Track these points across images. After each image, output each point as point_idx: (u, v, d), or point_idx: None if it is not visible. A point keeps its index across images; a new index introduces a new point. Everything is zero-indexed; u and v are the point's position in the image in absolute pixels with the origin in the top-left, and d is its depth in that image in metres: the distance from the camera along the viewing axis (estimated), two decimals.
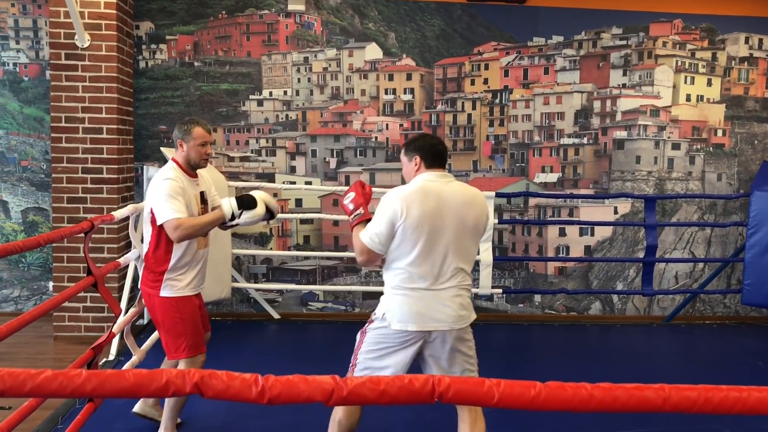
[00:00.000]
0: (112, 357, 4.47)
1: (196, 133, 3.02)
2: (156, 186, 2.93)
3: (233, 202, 2.99)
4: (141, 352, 4.06)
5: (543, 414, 3.70)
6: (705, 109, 6.13)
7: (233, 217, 2.97)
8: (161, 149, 5.18)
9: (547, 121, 6.02)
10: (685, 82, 6.09)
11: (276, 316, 5.79)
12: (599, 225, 6.04)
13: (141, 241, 3.65)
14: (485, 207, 2.71)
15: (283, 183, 5.81)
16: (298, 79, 5.88)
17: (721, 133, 6.15)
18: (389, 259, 2.62)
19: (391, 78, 5.93)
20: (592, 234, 6.11)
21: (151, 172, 5.26)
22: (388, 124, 5.95)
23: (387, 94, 5.94)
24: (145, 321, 5.38)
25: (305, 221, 5.90)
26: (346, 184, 5.80)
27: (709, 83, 6.12)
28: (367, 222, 2.66)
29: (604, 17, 5.99)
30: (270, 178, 5.84)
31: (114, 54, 5.07)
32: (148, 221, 2.99)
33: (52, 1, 4.98)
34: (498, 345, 5.28)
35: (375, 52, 5.90)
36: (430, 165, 2.66)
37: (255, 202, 3.02)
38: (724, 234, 6.22)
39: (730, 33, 6.11)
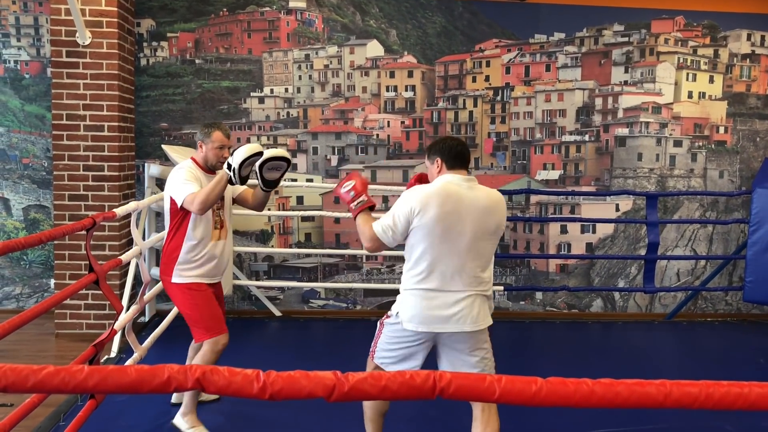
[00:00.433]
0: (113, 354, 4.48)
1: (215, 136, 3.23)
2: (172, 176, 3.16)
3: (228, 161, 3.05)
4: (142, 350, 4.06)
5: (544, 410, 3.70)
6: (707, 106, 6.12)
7: (231, 169, 2.98)
8: (162, 147, 5.18)
9: (548, 118, 6.02)
10: (687, 79, 6.08)
11: (277, 313, 5.80)
12: (601, 222, 6.04)
13: (142, 237, 3.65)
14: (505, 212, 2.70)
15: (285, 180, 5.80)
16: (299, 77, 5.88)
17: (723, 130, 6.15)
18: (406, 258, 2.63)
19: (392, 75, 5.93)
20: (594, 231, 6.11)
21: (152, 169, 5.26)
22: (389, 122, 5.95)
23: (388, 91, 5.93)
24: (147, 318, 5.39)
25: (306, 219, 5.91)
26: None
27: (711, 80, 6.12)
28: (370, 209, 2.71)
29: (605, 14, 5.98)
30: None
31: (115, 51, 5.07)
32: (168, 212, 3.20)
33: None
34: (499, 342, 5.26)
35: (376, 49, 5.90)
36: (452, 166, 2.65)
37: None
38: (726, 231, 6.21)
39: (732, 30, 6.10)
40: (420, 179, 2.76)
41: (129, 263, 4.76)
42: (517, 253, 6.05)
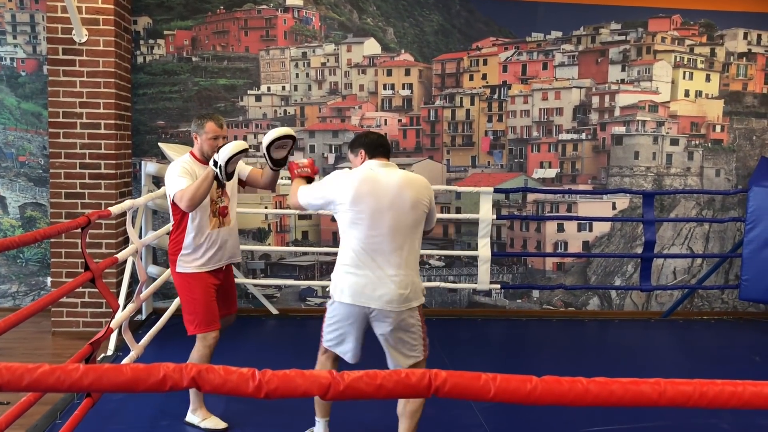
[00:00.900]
0: (110, 352, 4.47)
1: (208, 127, 3.28)
2: (168, 171, 3.25)
3: (213, 158, 3.12)
4: (139, 348, 4.06)
5: (540, 408, 3.71)
6: (703, 105, 6.13)
7: (218, 166, 3.05)
8: (159, 144, 5.17)
9: (545, 116, 6.02)
10: (684, 78, 6.09)
11: (274, 311, 5.80)
12: (597, 220, 6.05)
13: (138, 235, 3.65)
14: (426, 189, 2.82)
15: (281, 179, 5.80)
16: (297, 75, 5.87)
17: (719, 128, 6.16)
18: (340, 232, 2.81)
19: (389, 73, 5.93)
20: (591, 230, 6.12)
21: (149, 167, 5.26)
22: (386, 120, 5.95)
23: (385, 89, 5.93)
24: (144, 317, 5.38)
25: (303, 217, 5.90)
26: None
27: (707, 79, 6.12)
28: (308, 180, 3.04)
29: (602, 12, 5.99)
30: None
31: (112, 49, 5.06)
32: (170, 205, 3.29)
33: None
34: (496, 340, 5.29)
35: (373, 48, 5.90)
36: (373, 155, 2.84)
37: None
38: (722, 229, 6.23)
39: (728, 28, 6.11)
40: (313, 162, 3.08)
41: (126, 261, 4.76)
42: (514, 251, 6.06)
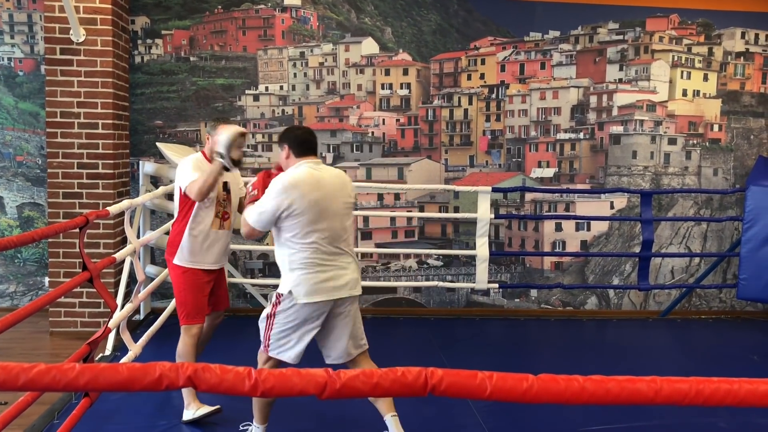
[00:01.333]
0: (108, 352, 4.47)
1: (220, 129, 3.38)
2: (179, 167, 3.38)
3: (215, 149, 3.24)
4: (137, 348, 4.05)
5: (538, 408, 3.71)
6: (701, 104, 6.14)
7: (222, 157, 3.17)
8: (157, 144, 5.16)
9: (543, 116, 6.02)
10: (682, 77, 6.09)
11: None
12: (595, 220, 6.05)
13: (136, 235, 3.65)
14: (351, 184, 3.05)
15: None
16: (294, 74, 5.87)
17: (717, 128, 6.16)
18: (288, 239, 2.81)
19: (387, 73, 5.92)
20: (589, 229, 6.12)
21: (147, 167, 5.25)
22: (384, 119, 5.95)
23: (383, 89, 5.93)
24: (142, 316, 5.38)
25: None
26: None
27: (705, 78, 6.13)
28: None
29: (600, 12, 5.99)
30: None
31: (109, 49, 5.05)
32: (177, 201, 3.43)
33: None
34: (494, 339, 5.29)
35: (371, 47, 5.89)
36: (300, 153, 2.89)
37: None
38: (720, 229, 6.23)
39: (726, 28, 6.11)
40: (268, 174, 2.97)
41: (124, 261, 4.75)
42: (512, 250, 6.06)
